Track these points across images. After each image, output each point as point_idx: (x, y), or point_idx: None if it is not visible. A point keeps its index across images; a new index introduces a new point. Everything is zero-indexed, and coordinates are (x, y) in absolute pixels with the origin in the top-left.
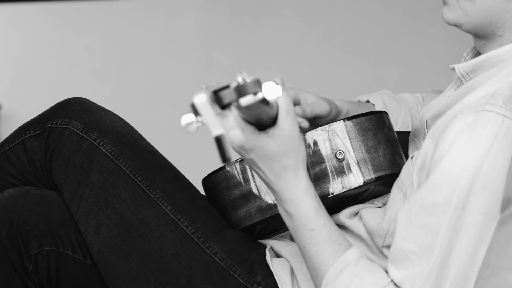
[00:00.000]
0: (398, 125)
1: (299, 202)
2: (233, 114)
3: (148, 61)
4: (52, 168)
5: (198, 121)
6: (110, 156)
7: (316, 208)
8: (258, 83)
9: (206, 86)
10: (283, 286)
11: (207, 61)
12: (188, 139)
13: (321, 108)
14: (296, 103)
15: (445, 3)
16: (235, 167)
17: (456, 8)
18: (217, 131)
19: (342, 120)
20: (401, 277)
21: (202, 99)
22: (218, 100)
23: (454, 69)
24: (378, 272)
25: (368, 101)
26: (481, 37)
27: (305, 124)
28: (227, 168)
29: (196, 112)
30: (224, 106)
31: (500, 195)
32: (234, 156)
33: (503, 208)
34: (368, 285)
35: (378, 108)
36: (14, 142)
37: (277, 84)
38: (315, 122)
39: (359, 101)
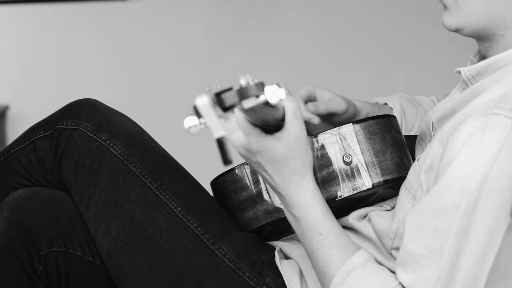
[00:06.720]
0: (414, 129)
1: (306, 206)
2: (235, 117)
3: (156, 62)
4: (62, 169)
5: (200, 123)
6: (120, 157)
7: (324, 212)
8: (261, 86)
9: (209, 88)
10: (292, 287)
11: (214, 62)
12: (197, 140)
13: (337, 105)
14: (311, 99)
15: (445, 7)
16: (244, 169)
17: (455, 10)
18: (218, 133)
19: (351, 124)
20: (410, 280)
21: (204, 101)
22: (220, 102)
23: (459, 72)
24: (385, 275)
25: (386, 104)
26: (484, 39)
27: (316, 120)
28: (235, 170)
29: (198, 114)
30: (226, 109)
31: (510, 199)
32: (236, 158)
33: None
34: None
35: (395, 111)
36: (24, 143)
37: (280, 87)
38: (331, 119)
39: (377, 103)
